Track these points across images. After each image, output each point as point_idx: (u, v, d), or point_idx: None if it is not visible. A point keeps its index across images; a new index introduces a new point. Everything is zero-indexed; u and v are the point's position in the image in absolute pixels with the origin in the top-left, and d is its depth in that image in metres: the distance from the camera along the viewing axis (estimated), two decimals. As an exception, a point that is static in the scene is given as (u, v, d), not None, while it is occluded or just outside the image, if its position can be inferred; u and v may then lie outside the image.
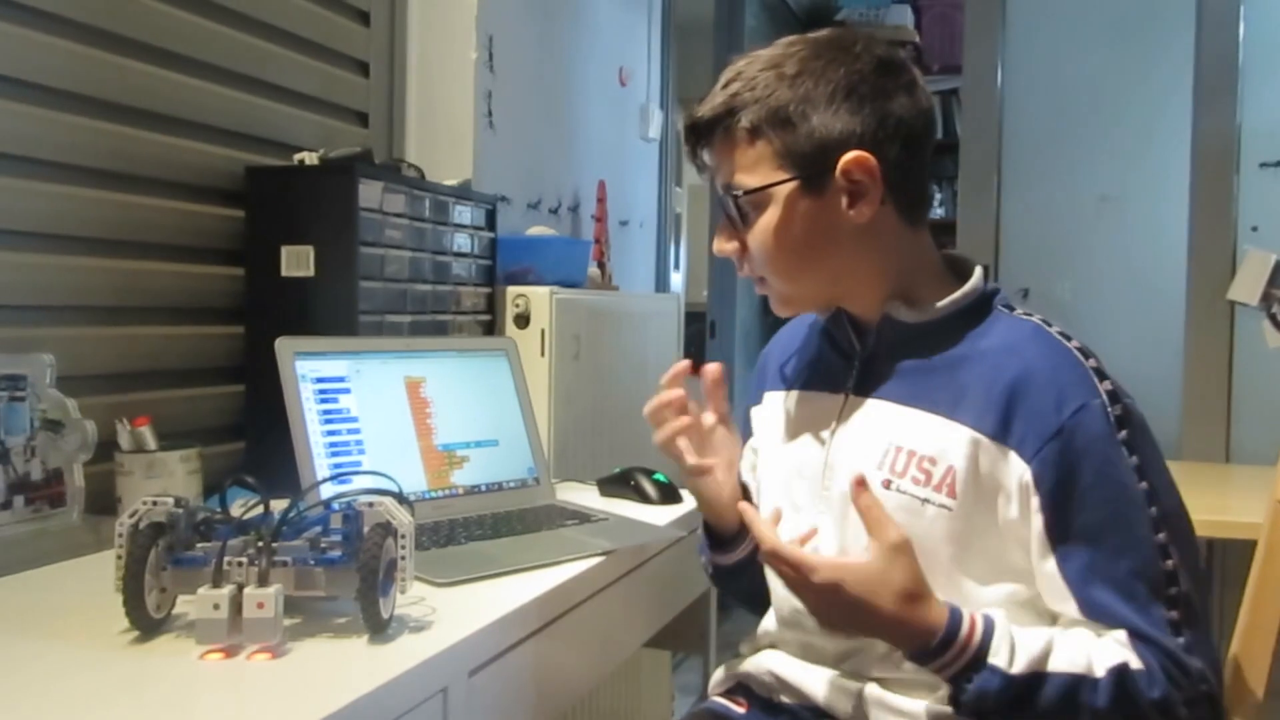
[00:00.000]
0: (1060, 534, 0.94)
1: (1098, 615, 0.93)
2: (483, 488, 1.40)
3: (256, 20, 1.65)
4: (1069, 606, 0.94)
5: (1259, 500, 1.34)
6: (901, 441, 1.01)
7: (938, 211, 4.39)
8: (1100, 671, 0.90)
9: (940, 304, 1.03)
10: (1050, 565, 0.95)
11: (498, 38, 2.14)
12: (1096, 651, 0.92)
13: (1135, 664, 0.90)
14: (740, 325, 3.85)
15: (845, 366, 1.09)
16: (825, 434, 1.08)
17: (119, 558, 0.88)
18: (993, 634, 0.92)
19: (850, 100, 1.00)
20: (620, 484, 1.54)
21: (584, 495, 1.53)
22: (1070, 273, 2.67)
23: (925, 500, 0.99)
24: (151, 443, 1.26)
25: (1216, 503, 1.94)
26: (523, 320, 1.85)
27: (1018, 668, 0.90)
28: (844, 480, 1.02)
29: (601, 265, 2.43)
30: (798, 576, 0.94)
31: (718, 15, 3.79)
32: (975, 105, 2.76)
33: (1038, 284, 2.74)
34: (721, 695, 1.17)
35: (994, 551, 0.98)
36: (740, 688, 1.16)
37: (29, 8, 1.28)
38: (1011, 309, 1.05)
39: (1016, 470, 0.96)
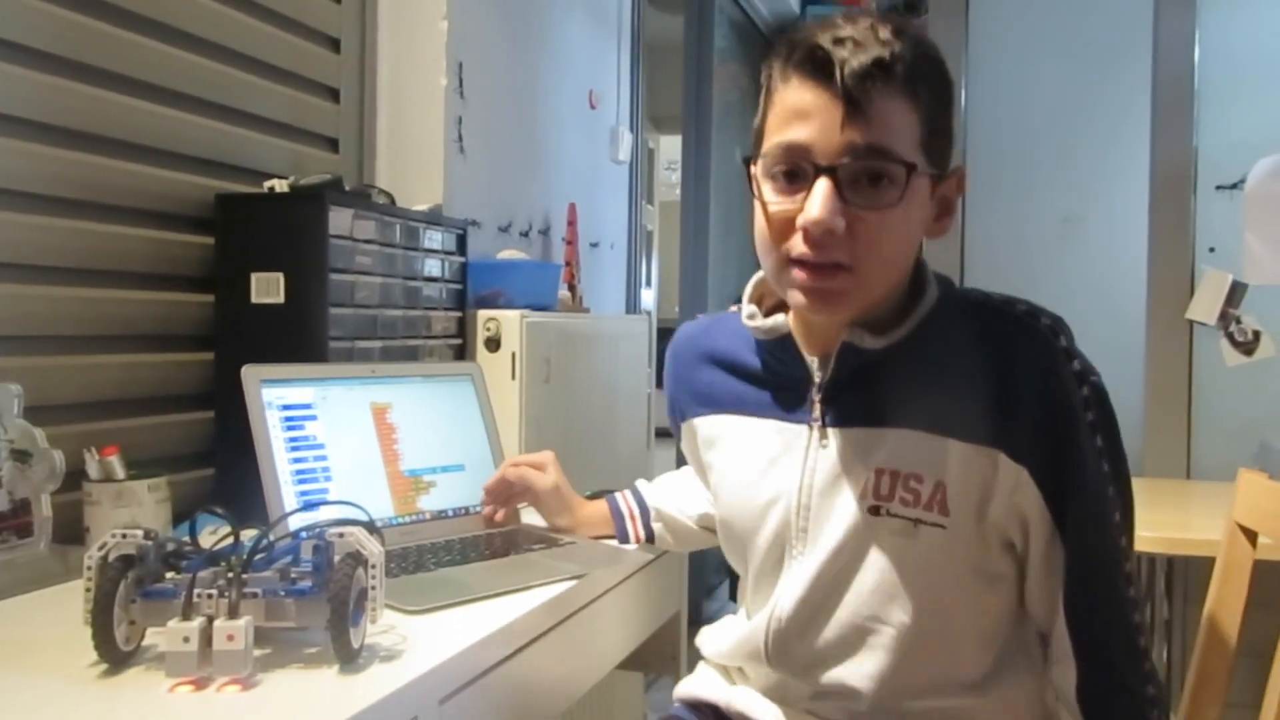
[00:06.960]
0: (1060, 521, 0.94)
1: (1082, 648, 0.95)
2: (449, 513, 1.41)
3: (226, 48, 1.65)
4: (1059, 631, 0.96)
5: (1219, 518, 1.37)
6: (882, 464, 0.97)
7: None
8: None
9: (901, 328, 0.99)
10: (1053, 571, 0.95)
11: (468, 63, 2.15)
12: None
13: None
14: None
15: (797, 396, 1.04)
16: (795, 468, 1.03)
17: (88, 590, 0.87)
18: None
19: (954, 109, 0.97)
20: (591, 507, 1.54)
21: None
22: (1034, 293, 2.70)
23: (918, 520, 0.95)
24: (120, 472, 1.26)
25: (1177, 519, 1.97)
26: (493, 344, 1.85)
27: None
28: (825, 515, 1.00)
29: (572, 288, 2.44)
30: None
31: (687, 37, 3.82)
32: (940, 128, 2.80)
33: (1003, 303, 2.77)
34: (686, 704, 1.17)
35: (983, 560, 0.97)
36: (706, 705, 1.16)
37: (-4, 37, 1.28)
38: (964, 296, 1.01)
39: (1008, 472, 0.93)
